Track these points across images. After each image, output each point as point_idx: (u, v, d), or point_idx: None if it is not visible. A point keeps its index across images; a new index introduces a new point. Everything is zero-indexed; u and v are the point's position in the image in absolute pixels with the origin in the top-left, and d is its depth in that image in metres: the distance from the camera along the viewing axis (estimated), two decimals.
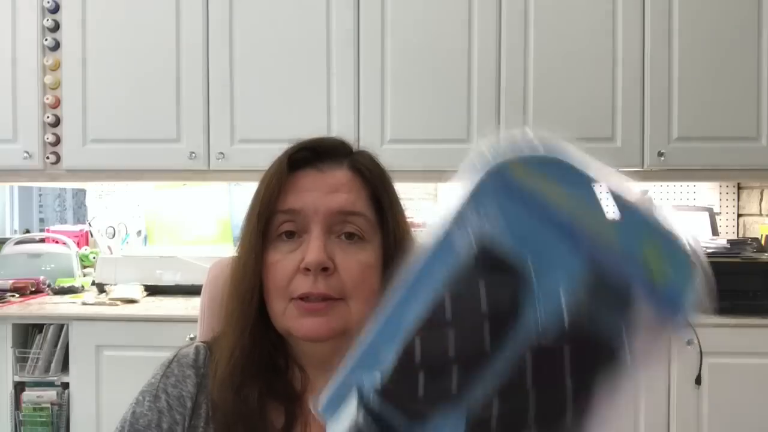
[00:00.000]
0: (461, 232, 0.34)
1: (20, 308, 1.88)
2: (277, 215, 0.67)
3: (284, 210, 0.66)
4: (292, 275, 0.65)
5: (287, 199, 0.67)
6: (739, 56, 1.92)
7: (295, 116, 1.97)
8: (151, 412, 0.67)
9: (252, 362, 0.66)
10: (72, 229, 2.47)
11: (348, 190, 0.68)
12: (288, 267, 0.65)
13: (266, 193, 0.67)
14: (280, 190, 0.67)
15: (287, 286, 0.65)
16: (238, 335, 0.67)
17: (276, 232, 0.67)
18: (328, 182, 0.68)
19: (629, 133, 1.93)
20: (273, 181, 0.67)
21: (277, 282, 0.65)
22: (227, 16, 1.99)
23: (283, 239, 0.67)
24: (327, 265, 0.64)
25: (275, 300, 0.66)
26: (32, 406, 1.80)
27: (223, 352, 0.68)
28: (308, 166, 0.69)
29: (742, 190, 2.35)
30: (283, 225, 0.67)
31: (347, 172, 0.69)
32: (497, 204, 0.34)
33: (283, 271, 0.65)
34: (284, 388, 0.68)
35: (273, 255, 0.66)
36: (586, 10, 1.94)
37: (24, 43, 2.02)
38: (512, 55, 1.95)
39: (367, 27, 1.96)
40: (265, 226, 0.66)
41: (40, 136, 2.02)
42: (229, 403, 0.65)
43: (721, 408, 1.70)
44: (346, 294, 0.65)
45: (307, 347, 0.68)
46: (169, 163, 2.02)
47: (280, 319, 0.66)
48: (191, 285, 2.01)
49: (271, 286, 0.66)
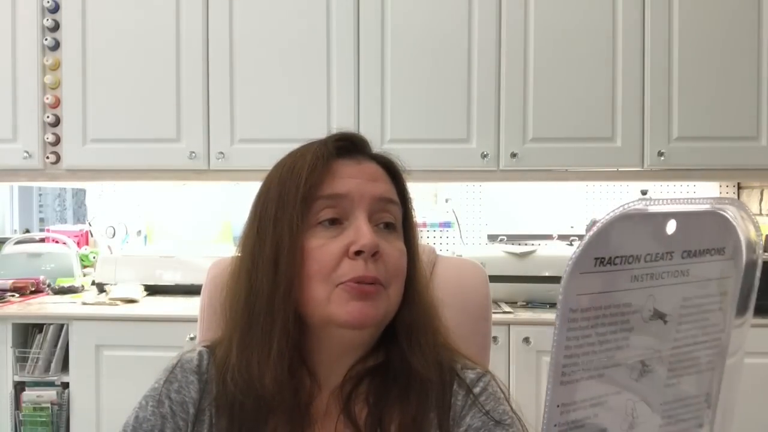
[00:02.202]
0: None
1: (20, 308, 1.88)
2: (318, 201, 0.66)
3: (328, 195, 0.66)
4: (338, 260, 0.64)
5: (332, 183, 0.66)
6: (739, 56, 1.92)
7: (295, 116, 1.97)
8: (155, 417, 0.67)
9: (294, 353, 0.65)
10: (72, 229, 2.47)
11: (385, 181, 0.70)
12: (334, 251, 0.64)
13: (310, 177, 0.66)
14: (324, 176, 0.66)
15: (333, 271, 0.64)
16: (281, 325, 0.63)
17: (315, 218, 0.66)
18: (368, 171, 0.69)
19: (629, 133, 1.93)
20: (318, 166, 0.66)
21: (323, 266, 0.64)
22: (227, 16, 1.99)
23: (324, 226, 0.66)
24: (378, 249, 0.64)
25: (317, 286, 0.64)
26: (32, 406, 1.80)
27: (254, 340, 0.64)
28: (347, 155, 0.70)
29: (742, 190, 2.35)
30: (324, 211, 0.66)
31: (378, 166, 0.71)
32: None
33: (329, 256, 0.64)
34: (292, 397, 0.66)
35: (313, 240, 0.65)
36: (586, 10, 1.94)
37: (24, 43, 2.02)
38: (512, 54, 1.95)
39: (367, 27, 1.96)
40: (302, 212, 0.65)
41: (40, 135, 2.02)
42: (279, 388, 0.63)
43: None
44: (389, 281, 0.66)
45: (338, 336, 0.67)
46: (169, 163, 2.02)
47: (322, 306, 0.64)
48: (191, 285, 2.02)
49: (314, 271, 0.64)
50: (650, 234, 0.36)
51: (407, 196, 0.73)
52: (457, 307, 0.88)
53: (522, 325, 1.73)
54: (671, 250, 0.36)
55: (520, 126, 1.95)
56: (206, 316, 0.91)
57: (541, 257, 1.91)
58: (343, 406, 0.68)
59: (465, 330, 0.87)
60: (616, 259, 0.34)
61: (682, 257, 0.37)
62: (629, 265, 0.35)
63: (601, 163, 1.96)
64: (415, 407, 0.67)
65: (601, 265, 0.34)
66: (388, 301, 0.66)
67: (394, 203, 0.70)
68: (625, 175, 2.04)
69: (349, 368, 0.69)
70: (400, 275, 0.68)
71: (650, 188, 2.33)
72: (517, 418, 0.69)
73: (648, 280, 0.36)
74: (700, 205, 0.37)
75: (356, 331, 0.65)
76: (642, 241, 0.35)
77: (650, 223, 0.36)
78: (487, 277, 0.96)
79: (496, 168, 1.96)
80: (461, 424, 0.68)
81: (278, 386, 0.63)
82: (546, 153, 1.94)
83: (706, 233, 0.38)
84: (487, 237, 2.39)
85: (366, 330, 0.66)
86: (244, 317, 0.66)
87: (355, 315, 0.63)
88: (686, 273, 0.37)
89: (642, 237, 0.35)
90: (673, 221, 0.36)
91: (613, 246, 0.34)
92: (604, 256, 0.34)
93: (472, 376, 0.72)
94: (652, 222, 0.36)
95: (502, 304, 1.87)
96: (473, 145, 1.96)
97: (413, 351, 0.68)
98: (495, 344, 1.69)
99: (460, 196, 2.40)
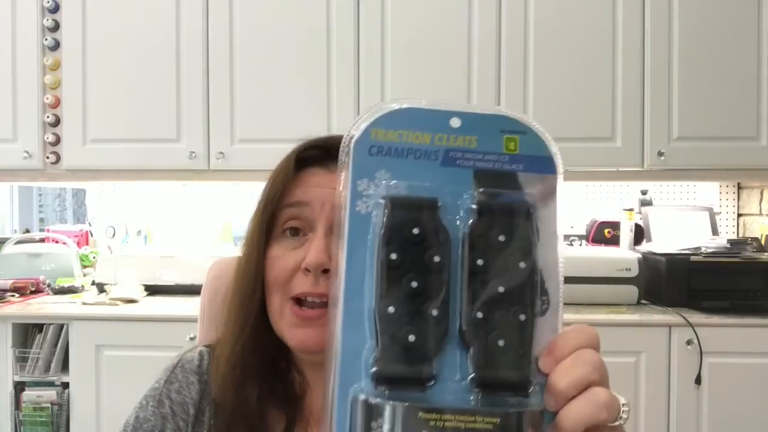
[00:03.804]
0: (363, 203, 0.39)
1: (20, 308, 1.88)
2: (284, 210, 0.66)
3: (291, 203, 0.66)
4: (292, 273, 0.64)
5: (293, 192, 0.66)
6: (739, 56, 1.92)
7: (295, 116, 1.97)
8: (155, 418, 0.67)
9: (253, 361, 0.66)
10: (72, 229, 2.47)
11: None
12: (289, 263, 0.64)
13: (273, 188, 0.66)
14: (286, 186, 0.66)
15: (286, 284, 0.64)
16: (239, 332, 0.66)
17: (281, 228, 0.66)
18: (337, 180, 0.68)
19: (629, 133, 1.93)
20: (280, 177, 0.67)
21: (276, 277, 0.64)
22: (227, 16, 1.99)
23: (287, 236, 0.66)
24: (327, 267, 0.62)
25: (273, 295, 0.65)
26: (32, 406, 1.80)
27: (223, 349, 0.67)
28: (317, 164, 0.69)
29: (742, 190, 2.35)
30: (288, 221, 0.66)
31: None
32: (377, 165, 0.39)
33: (283, 267, 0.64)
34: (285, 391, 0.67)
35: (275, 250, 0.65)
36: (586, 10, 1.94)
37: (24, 43, 2.02)
38: (512, 54, 1.95)
39: (367, 27, 1.96)
40: (270, 221, 0.66)
41: (40, 135, 2.02)
42: (229, 402, 0.65)
43: (721, 408, 1.70)
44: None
45: (303, 354, 0.67)
46: (169, 163, 2.02)
47: (277, 321, 0.65)
48: (191, 285, 2.01)
49: (271, 280, 0.65)
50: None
51: None
52: None
53: None
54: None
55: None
56: (206, 317, 0.91)
57: None
58: None
59: None
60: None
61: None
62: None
63: (601, 163, 1.96)
64: None
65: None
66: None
67: None
68: (625, 175, 2.04)
69: None
70: None
71: (650, 188, 2.33)
72: None
73: None
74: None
75: (309, 354, 0.66)
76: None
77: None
78: None
79: None
80: None
81: (237, 392, 0.65)
82: None
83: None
84: None
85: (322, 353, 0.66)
86: (229, 318, 0.68)
87: (299, 341, 0.63)
88: None
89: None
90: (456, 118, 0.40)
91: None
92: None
93: None
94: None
95: None
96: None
97: None
98: None
99: None
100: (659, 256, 1.91)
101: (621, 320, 1.71)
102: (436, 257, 0.37)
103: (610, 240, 2.26)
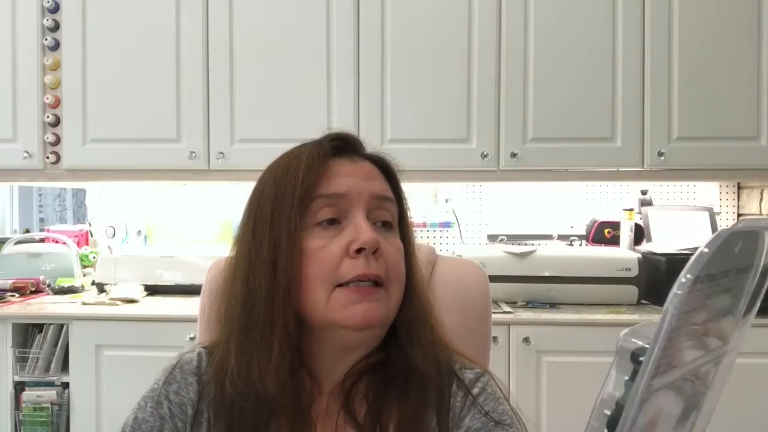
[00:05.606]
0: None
1: (20, 308, 1.88)
2: (316, 200, 0.65)
3: (327, 194, 0.66)
4: (339, 260, 0.64)
5: (329, 183, 0.66)
6: (739, 56, 1.92)
7: (295, 116, 1.97)
8: (153, 419, 0.67)
9: (293, 356, 0.64)
10: (72, 229, 2.47)
11: (380, 179, 0.70)
12: (335, 252, 0.64)
13: (307, 177, 0.65)
14: (321, 175, 0.66)
15: (333, 272, 0.63)
16: (281, 327, 0.63)
17: (314, 218, 0.65)
18: (363, 170, 0.69)
19: (629, 133, 1.93)
20: (314, 166, 0.66)
21: (323, 268, 0.63)
22: (227, 16, 1.99)
23: (323, 226, 0.66)
24: (379, 246, 0.64)
25: (316, 288, 0.64)
26: (32, 406, 1.80)
27: (254, 344, 0.64)
28: (340, 155, 0.70)
29: (742, 190, 2.35)
30: (322, 211, 0.66)
31: (372, 165, 0.71)
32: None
33: (329, 257, 0.64)
34: (294, 400, 0.66)
35: (313, 242, 0.64)
36: (586, 10, 1.94)
37: (24, 43, 2.02)
38: (512, 54, 1.95)
39: (367, 27, 1.96)
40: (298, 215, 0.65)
41: (40, 135, 2.02)
42: (281, 390, 0.63)
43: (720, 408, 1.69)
44: (389, 278, 0.66)
45: (340, 337, 0.66)
46: (169, 163, 2.02)
47: (322, 309, 0.64)
48: (191, 285, 2.02)
49: (313, 273, 0.64)
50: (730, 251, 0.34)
51: (402, 195, 0.74)
52: (456, 307, 0.88)
53: (522, 325, 1.73)
54: (731, 268, 0.35)
55: (520, 126, 1.95)
56: (206, 317, 0.90)
57: (541, 257, 1.91)
58: (342, 403, 0.68)
59: (465, 330, 0.87)
60: (705, 277, 0.33)
61: (737, 273, 0.36)
62: (710, 283, 0.33)
63: (601, 163, 1.96)
64: (414, 404, 0.67)
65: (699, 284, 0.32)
66: (390, 301, 0.66)
67: (390, 201, 0.70)
68: (625, 175, 2.04)
69: (350, 367, 0.69)
70: (400, 273, 0.68)
71: (650, 188, 2.33)
72: (517, 418, 0.69)
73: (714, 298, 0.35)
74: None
75: (361, 332, 0.65)
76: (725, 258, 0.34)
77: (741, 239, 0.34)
78: (487, 277, 0.95)
79: (496, 168, 1.96)
80: (461, 426, 0.68)
81: (280, 388, 0.63)
82: (546, 153, 1.94)
83: (743, 249, 0.37)
84: (487, 237, 2.39)
85: (371, 331, 0.66)
86: (242, 321, 0.65)
87: (359, 316, 0.63)
88: (729, 290, 0.36)
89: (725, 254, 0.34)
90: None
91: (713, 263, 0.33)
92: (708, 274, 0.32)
93: (470, 376, 0.71)
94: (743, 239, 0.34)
95: (502, 304, 1.87)
96: (473, 145, 1.96)
97: (413, 348, 0.68)
98: (495, 344, 1.69)
99: (460, 196, 2.40)
100: (659, 256, 1.91)
101: (621, 320, 1.71)
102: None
103: (610, 240, 2.26)
